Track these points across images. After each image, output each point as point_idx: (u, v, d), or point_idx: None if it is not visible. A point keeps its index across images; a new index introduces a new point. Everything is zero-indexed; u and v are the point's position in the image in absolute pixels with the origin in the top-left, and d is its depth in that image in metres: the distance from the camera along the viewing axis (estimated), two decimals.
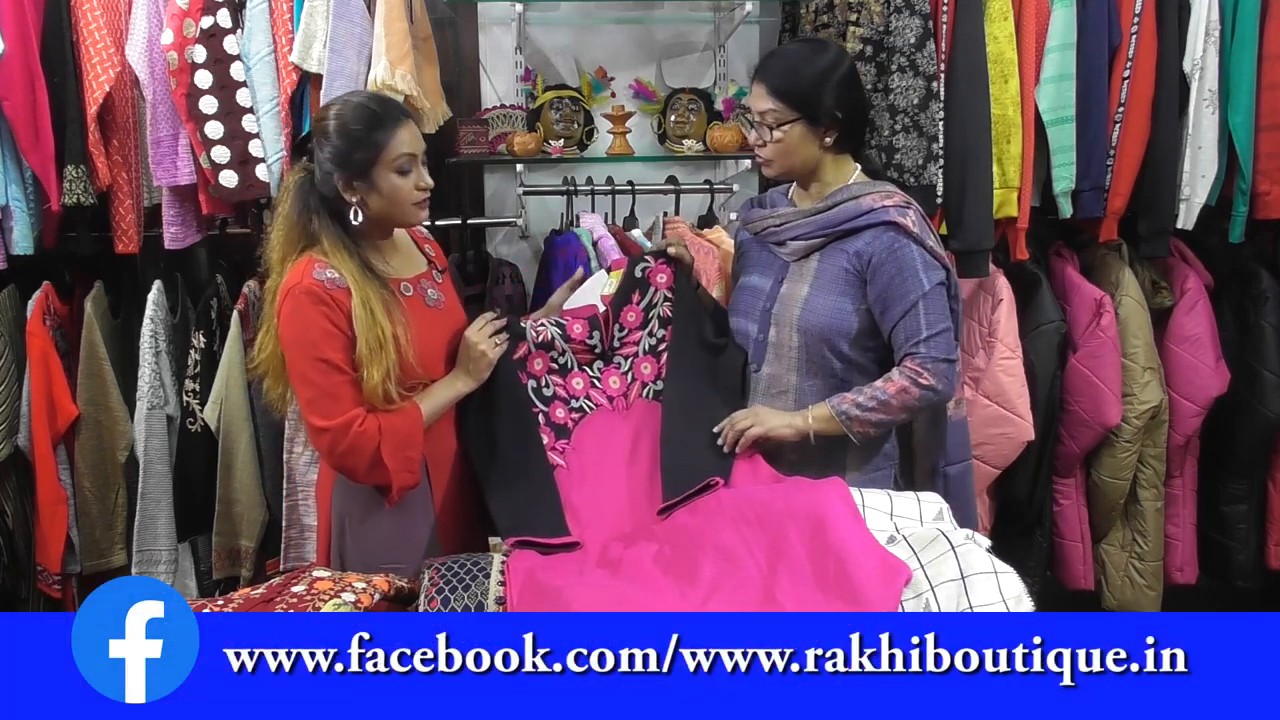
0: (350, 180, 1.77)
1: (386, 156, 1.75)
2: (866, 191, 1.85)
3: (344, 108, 1.80)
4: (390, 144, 1.75)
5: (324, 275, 1.75)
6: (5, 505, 2.50)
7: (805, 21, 2.49)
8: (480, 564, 1.55)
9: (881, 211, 1.81)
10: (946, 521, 1.54)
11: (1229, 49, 2.38)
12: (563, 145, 2.65)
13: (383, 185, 1.77)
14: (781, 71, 1.83)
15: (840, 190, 1.87)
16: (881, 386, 1.79)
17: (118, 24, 2.29)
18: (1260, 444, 2.60)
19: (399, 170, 1.77)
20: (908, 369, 1.78)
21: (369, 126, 1.76)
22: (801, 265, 1.89)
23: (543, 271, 2.60)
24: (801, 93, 1.80)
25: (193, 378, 2.47)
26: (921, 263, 1.80)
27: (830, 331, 1.84)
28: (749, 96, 1.91)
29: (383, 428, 1.75)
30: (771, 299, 1.90)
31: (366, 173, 1.76)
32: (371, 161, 1.76)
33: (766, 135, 1.84)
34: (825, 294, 1.85)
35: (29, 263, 2.39)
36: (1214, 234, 2.54)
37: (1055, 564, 2.64)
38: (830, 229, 1.84)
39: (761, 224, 1.94)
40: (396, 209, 1.80)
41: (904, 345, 1.80)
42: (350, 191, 1.77)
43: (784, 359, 1.89)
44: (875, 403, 1.78)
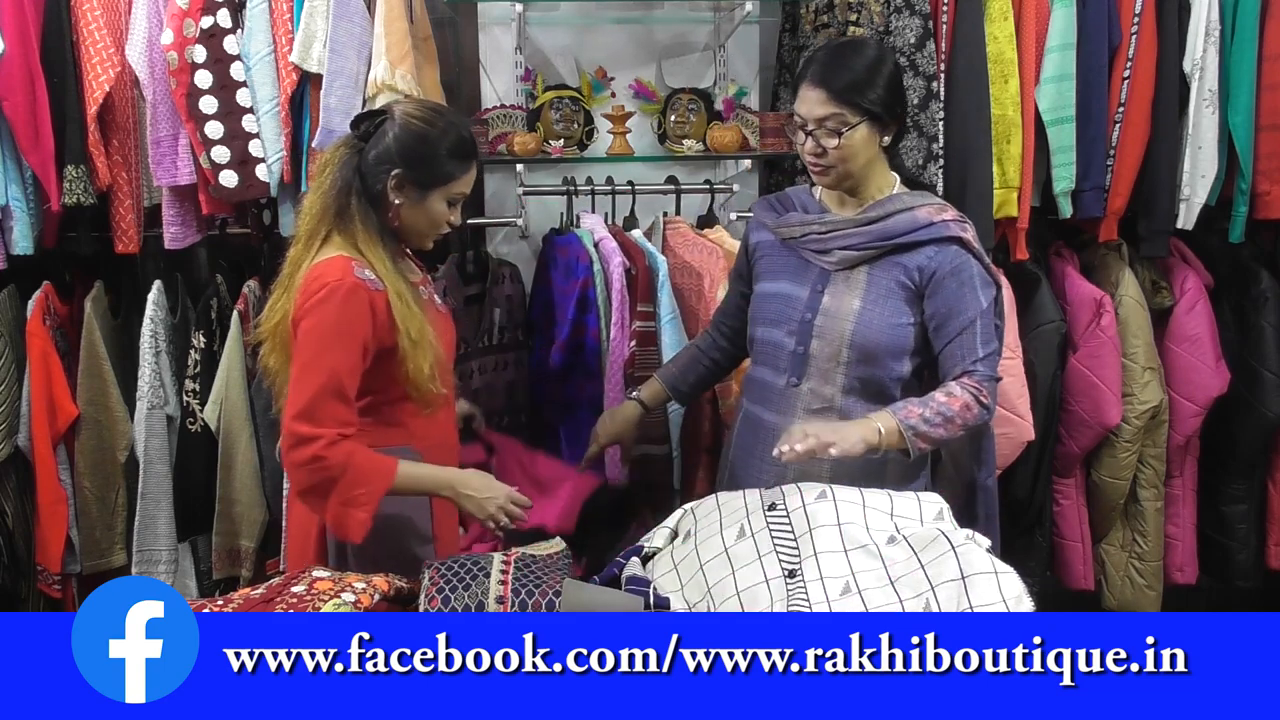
0: (406, 185, 1.76)
1: (452, 186, 1.78)
2: (920, 203, 1.81)
3: (442, 120, 1.78)
4: (461, 179, 1.79)
5: (364, 275, 1.72)
6: (5, 505, 2.50)
7: (805, 21, 2.50)
8: (480, 564, 1.55)
9: (943, 226, 1.78)
10: (947, 521, 1.53)
11: (1229, 49, 2.38)
12: (563, 145, 2.65)
13: (431, 207, 1.78)
14: (840, 73, 1.74)
15: (890, 200, 1.82)
16: (945, 402, 1.72)
17: (118, 24, 2.29)
18: (1260, 444, 2.60)
19: (451, 202, 1.79)
20: (969, 386, 1.73)
21: (457, 153, 1.77)
22: (847, 276, 1.81)
23: (542, 271, 2.60)
24: (864, 93, 1.73)
25: (193, 378, 2.47)
26: (980, 280, 1.78)
27: (886, 347, 1.79)
28: (799, 103, 1.78)
29: (352, 461, 1.68)
30: (812, 310, 1.82)
31: (427, 188, 1.76)
32: (438, 182, 1.77)
33: (828, 143, 1.75)
34: (880, 308, 1.79)
35: (29, 263, 2.39)
36: (1214, 234, 2.54)
37: (1055, 564, 2.64)
38: (887, 240, 1.78)
39: (801, 229, 1.85)
40: (423, 230, 1.82)
41: (959, 363, 1.76)
42: (398, 194, 1.76)
43: (828, 374, 1.81)
44: (941, 418, 1.71)
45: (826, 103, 1.73)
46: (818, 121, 1.75)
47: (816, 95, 1.74)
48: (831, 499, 1.52)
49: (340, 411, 1.69)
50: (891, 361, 1.80)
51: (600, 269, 2.37)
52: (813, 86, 1.75)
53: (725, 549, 1.49)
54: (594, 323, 2.38)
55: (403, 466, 1.72)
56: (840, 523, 1.47)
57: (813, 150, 1.78)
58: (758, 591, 1.40)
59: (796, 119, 1.79)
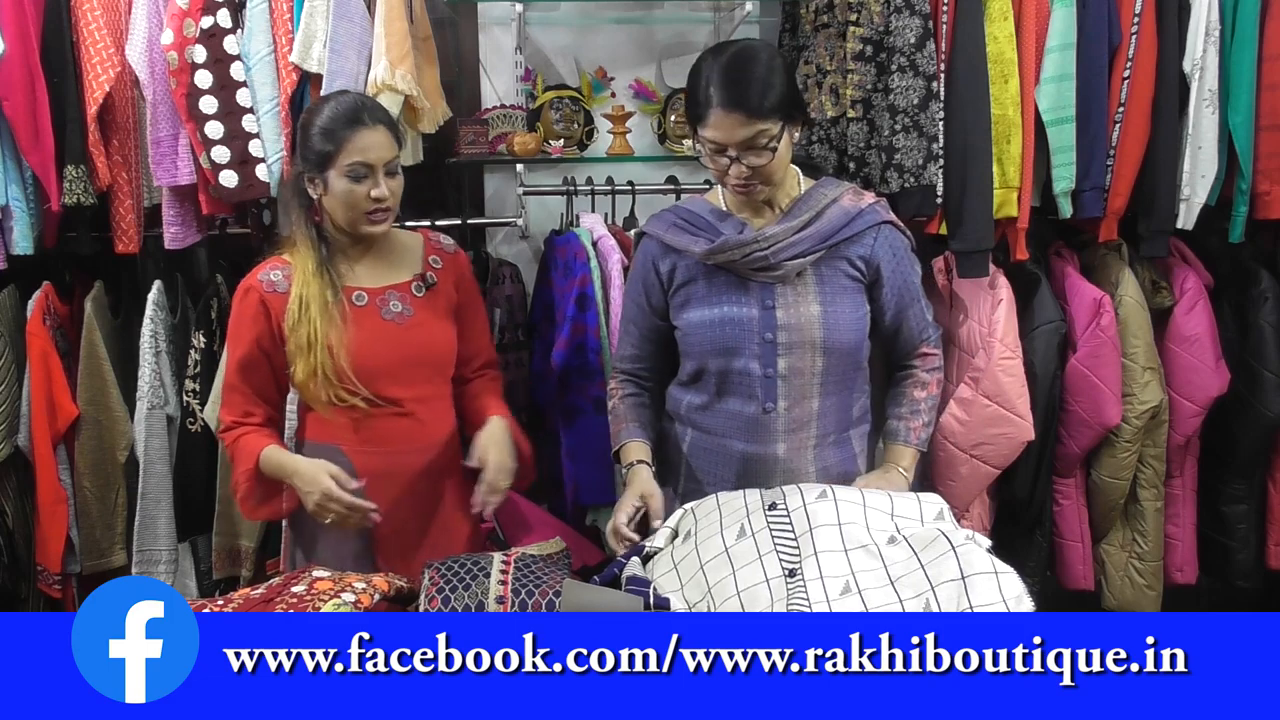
0: (312, 178, 1.80)
1: (341, 159, 1.76)
2: (836, 192, 1.81)
3: (320, 104, 1.84)
4: (345, 148, 1.75)
5: (268, 276, 1.84)
6: (5, 505, 2.50)
7: (805, 21, 2.49)
8: (480, 564, 1.55)
9: (872, 212, 1.81)
10: (947, 521, 1.54)
11: (1229, 49, 2.38)
12: (563, 145, 2.65)
13: (335, 187, 1.78)
14: (749, 88, 1.66)
15: (809, 196, 1.80)
16: (924, 395, 1.84)
17: (118, 24, 2.29)
18: (1260, 444, 2.60)
19: (351, 175, 1.76)
20: (931, 360, 1.83)
21: (331, 125, 1.77)
22: (794, 283, 1.78)
23: (542, 272, 2.60)
24: (775, 100, 1.67)
25: (193, 378, 2.47)
26: (911, 255, 1.85)
27: (854, 343, 1.80)
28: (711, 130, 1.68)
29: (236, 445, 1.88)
30: (769, 328, 1.76)
31: (323, 170, 1.78)
32: (327, 160, 1.77)
33: (758, 161, 1.69)
34: (839, 306, 1.78)
35: (29, 263, 2.39)
36: (1214, 234, 2.54)
37: (1055, 564, 2.64)
38: (828, 240, 1.77)
39: (740, 251, 1.75)
40: (346, 215, 1.80)
41: (917, 334, 1.85)
42: (311, 187, 1.81)
43: (803, 388, 1.79)
44: (934, 413, 1.86)
45: (748, 123, 1.66)
46: (743, 144, 1.67)
47: (735, 118, 1.66)
48: (832, 499, 1.53)
49: (238, 400, 1.89)
50: (857, 353, 1.84)
51: (598, 266, 2.37)
52: (728, 110, 1.66)
53: (725, 549, 1.50)
54: (594, 320, 2.38)
55: (266, 453, 1.85)
56: (840, 522, 1.48)
57: (740, 174, 1.71)
58: (758, 591, 1.40)
59: (710, 146, 1.70)
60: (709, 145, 1.72)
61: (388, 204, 1.80)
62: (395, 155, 1.80)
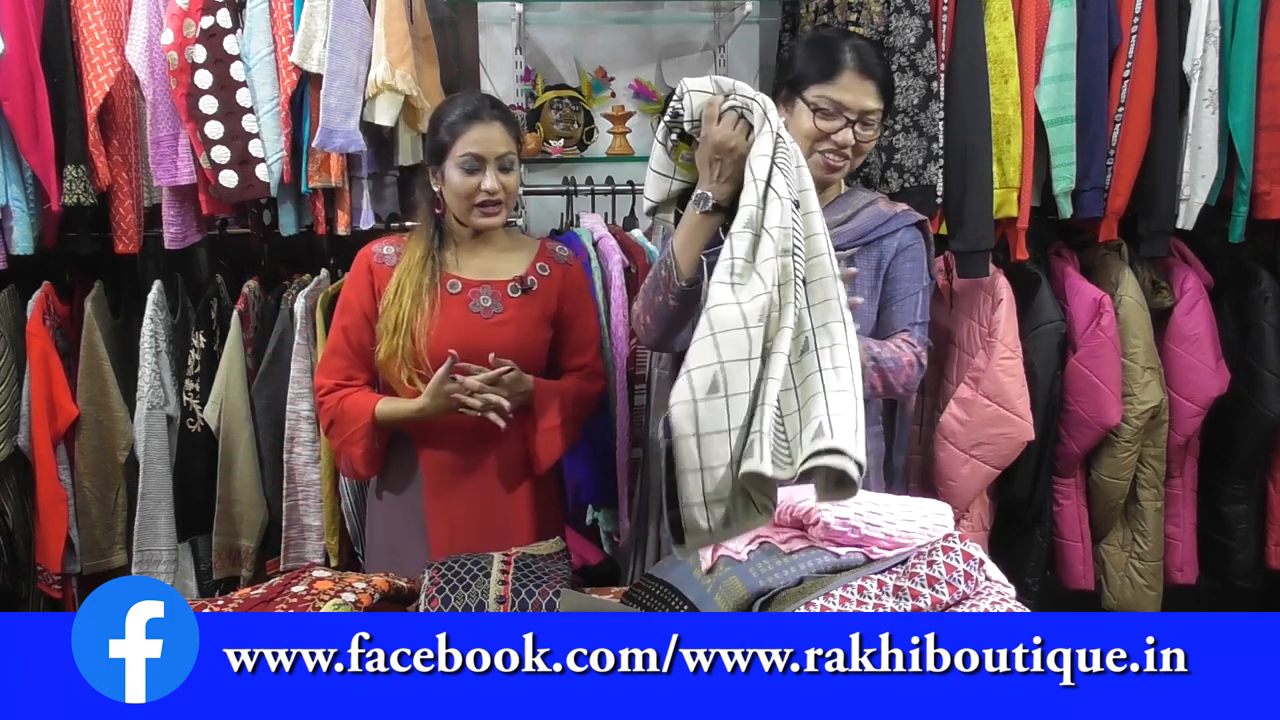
0: (434, 172, 1.89)
1: (455, 151, 1.83)
2: (876, 197, 1.87)
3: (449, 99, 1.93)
4: (458, 141, 1.83)
5: (381, 249, 1.92)
6: (5, 505, 2.50)
7: (805, 21, 2.49)
8: (480, 564, 1.55)
9: (907, 215, 1.85)
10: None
11: (1229, 49, 2.38)
12: (563, 145, 2.66)
13: (450, 178, 1.86)
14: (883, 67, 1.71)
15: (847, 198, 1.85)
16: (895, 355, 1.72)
17: (118, 24, 2.29)
18: (1260, 444, 2.60)
19: (464, 167, 1.83)
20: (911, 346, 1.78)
21: (450, 119, 1.85)
22: None
23: None
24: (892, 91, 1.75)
25: (193, 378, 2.47)
26: (928, 263, 1.86)
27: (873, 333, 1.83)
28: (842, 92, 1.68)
29: (341, 406, 1.89)
30: None
31: (440, 163, 1.87)
32: (444, 152, 1.85)
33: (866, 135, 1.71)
34: (871, 301, 1.83)
35: (29, 263, 2.39)
36: (1214, 234, 2.54)
37: (1055, 564, 2.64)
38: (864, 236, 1.81)
39: None
40: (458, 205, 1.87)
41: (899, 323, 1.82)
42: (434, 179, 1.89)
43: None
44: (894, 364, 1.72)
45: (876, 96, 1.71)
46: (864, 114, 1.69)
47: (867, 86, 1.69)
48: None
49: (340, 365, 1.93)
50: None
51: (598, 267, 2.37)
52: (865, 78, 1.68)
53: None
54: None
55: (380, 406, 1.88)
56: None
57: (846, 141, 1.71)
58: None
59: (829, 105, 1.70)
60: (828, 104, 1.70)
61: (498, 197, 1.86)
62: (510, 151, 1.87)
